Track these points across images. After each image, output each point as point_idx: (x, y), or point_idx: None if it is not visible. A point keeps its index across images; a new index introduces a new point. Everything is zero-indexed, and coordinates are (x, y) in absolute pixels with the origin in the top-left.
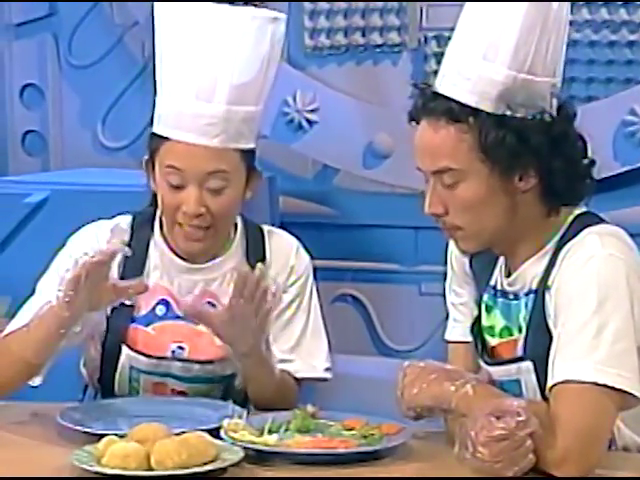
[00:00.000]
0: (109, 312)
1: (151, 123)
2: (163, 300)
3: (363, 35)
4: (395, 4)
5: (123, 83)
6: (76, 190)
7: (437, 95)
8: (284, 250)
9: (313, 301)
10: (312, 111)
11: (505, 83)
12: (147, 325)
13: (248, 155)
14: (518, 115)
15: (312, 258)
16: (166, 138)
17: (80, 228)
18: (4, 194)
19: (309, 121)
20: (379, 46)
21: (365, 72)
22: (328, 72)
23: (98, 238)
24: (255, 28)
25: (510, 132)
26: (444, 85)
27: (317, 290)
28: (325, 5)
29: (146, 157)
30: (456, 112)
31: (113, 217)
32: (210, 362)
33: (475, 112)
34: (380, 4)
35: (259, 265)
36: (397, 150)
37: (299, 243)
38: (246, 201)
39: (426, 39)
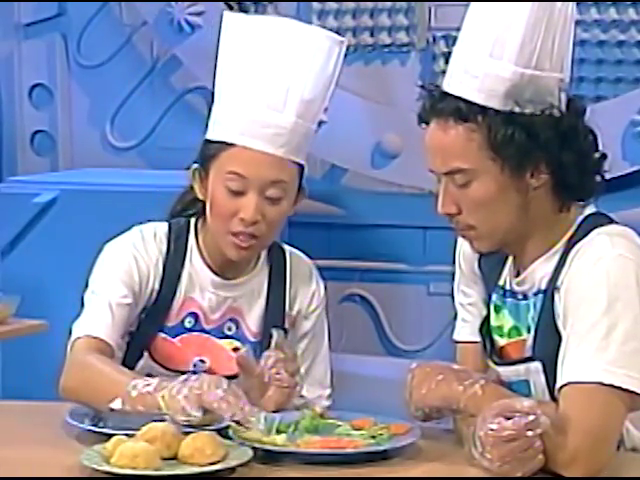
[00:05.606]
0: (143, 316)
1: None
2: (193, 313)
3: (371, 35)
4: (404, 4)
5: (132, 83)
6: (85, 190)
7: (445, 95)
8: (304, 274)
9: (325, 328)
10: None
11: (512, 79)
12: (174, 337)
13: (301, 171)
14: (526, 111)
15: (320, 258)
16: (228, 144)
17: (88, 228)
18: (13, 194)
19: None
20: (387, 46)
21: (373, 72)
22: None
23: (145, 242)
24: (327, 47)
25: (519, 129)
26: (452, 84)
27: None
28: (334, 5)
29: (196, 165)
30: (464, 111)
31: (142, 222)
32: (228, 378)
33: (483, 110)
34: (388, 4)
35: (275, 333)
36: (405, 150)
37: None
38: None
39: (434, 39)
